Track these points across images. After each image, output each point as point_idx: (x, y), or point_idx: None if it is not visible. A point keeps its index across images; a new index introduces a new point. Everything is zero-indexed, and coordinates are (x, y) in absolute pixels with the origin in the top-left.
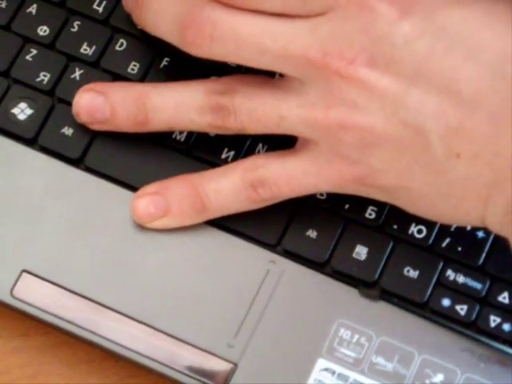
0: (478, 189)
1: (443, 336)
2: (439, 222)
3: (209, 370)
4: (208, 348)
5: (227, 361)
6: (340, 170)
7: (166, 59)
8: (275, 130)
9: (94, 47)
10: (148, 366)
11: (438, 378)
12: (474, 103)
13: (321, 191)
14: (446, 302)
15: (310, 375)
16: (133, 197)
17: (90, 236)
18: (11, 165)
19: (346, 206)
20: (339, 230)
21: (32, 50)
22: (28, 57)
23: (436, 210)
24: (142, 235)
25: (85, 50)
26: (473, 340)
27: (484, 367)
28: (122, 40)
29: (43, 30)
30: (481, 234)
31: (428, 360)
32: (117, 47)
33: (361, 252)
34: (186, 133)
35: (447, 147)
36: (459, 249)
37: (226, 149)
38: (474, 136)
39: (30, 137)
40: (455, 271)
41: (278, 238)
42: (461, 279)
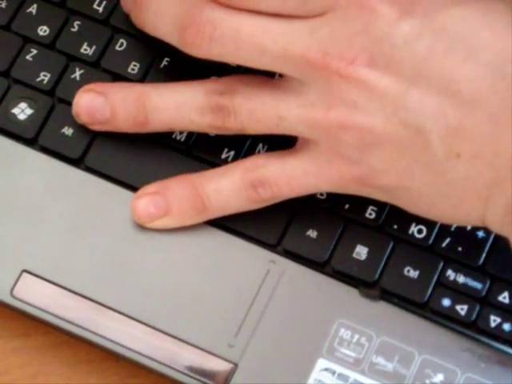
0: (478, 189)
1: (443, 336)
2: (439, 221)
3: (209, 369)
4: (208, 348)
5: (227, 361)
6: (340, 170)
7: (166, 59)
8: (275, 131)
9: (94, 47)
10: (148, 365)
11: (438, 377)
12: (473, 103)
13: (321, 191)
14: (446, 302)
15: (310, 375)
16: (133, 197)
17: (90, 236)
18: (11, 165)
19: (346, 206)
20: (339, 230)
21: (32, 49)
22: (28, 57)
23: (436, 209)
24: (141, 235)
25: (85, 49)
26: (473, 340)
27: (484, 367)
28: (122, 40)
29: (43, 30)
30: (481, 233)
31: (428, 360)
32: (117, 47)
33: (361, 252)
34: (185, 133)
35: (447, 147)
36: (459, 249)
37: (226, 149)
38: (474, 136)
39: (30, 137)
40: (455, 271)
41: (278, 238)
42: (461, 279)
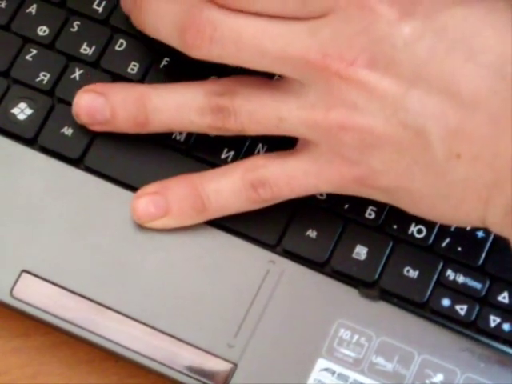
0: (478, 189)
1: (443, 336)
2: (440, 222)
3: (209, 370)
4: (208, 348)
5: (227, 361)
6: (340, 170)
7: (166, 59)
8: (275, 132)
9: (93, 47)
10: (148, 366)
11: (438, 377)
12: (474, 104)
13: (321, 192)
14: (445, 302)
15: (309, 375)
16: (133, 197)
17: (90, 236)
18: (11, 165)
19: (346, 206)
20: (339, 230)
21: (32, 49)
22: (28, 57)
23: (436, 210)
24: (142, 235)
25: (84, 50)
26: (473, 340)
27: (484, 367)
28: (121, 40)
29: (43, 30)
30: (481, 233)
31: (428, 360)
32: (116, 47)
33: (360, 252)
34: (185, 133)
35: (447, 148)
36: (459, 249)
37: (225, 149)
38: (474, 137)
39: (30, 137)
40: (455, 271)
41: (278, 238)
42: (461, 279)
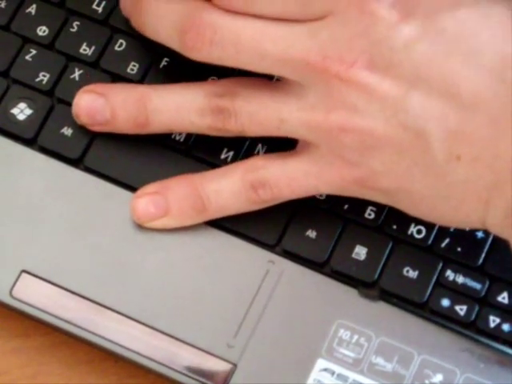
0: (478, 191)
1: (443, 336)
2: (440, 224)
3: (208, 370)
4: (207, 348)
5: (227, 361)
6: (341, 172)
7: (166, 59)
8: (275, 133)
9: (93, 47)
10: (147, 366)
11: (438, 378)
12: (473, 106)
13: (321, 193)
14: (445, 302)
15: (309, 375)
16: (132, 196)
17: (90, 236)
18: (11, 165)
19: (346, 207)
20: (338, 230)
21: (31, 50)
22: (27, 57)
23: (436, 212)
24: (142, 235)
25: (84, 50)
26: (472, 340)
27: (483, 367)
28: (121, 40)
29: (42, 30)
30: (480, 234)
31: (427, 360)
32: (116, 47)
33: (360, 252)
34: (185, 133)
35: (447, 150)
36: (459, 249)
37: (225, 149)
38: (474, 139)
39: (30, 137)
40: (454, 271)
41: (278, 238)
42: (460, 279)
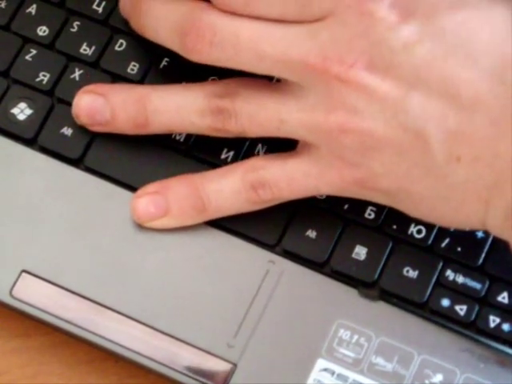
0: (478, 191)
1: (443, 336)
2: (440, 225)
3: (208, 370)
4: (207, 348)
5: (227, 361)
6: (341, 173)
7: (166, 59)
8: (275, 134)
9: (93, 47)
10: (148, 366)
11: (438, 378)
12: (473, 107)
13: (321, 193)
14: (445, 302)
15: (309, 375)
16: (133, 196)
17: (90, 236)
18: (11, 165)
19: (346, 207)
20: (339, 231)
21: (32, 50)
22: (28, 57)
23: (437, 212)
24: (142, 235)
25: (84, 50)
26: (472, 340)
27: (483, 367)
28: (121, 40)
29: (43, 30)
30: (480, 234)
31: (427, 360)
32: (116, 47)
33: (360, 252)
34: (185, 133)
35: (447, 151)
36: (459, 249)
37: (225, 149)
38: (474, 139)
39: (30, 137)
40: (455, 271)
41: (278, 239)
42: (460, 279)
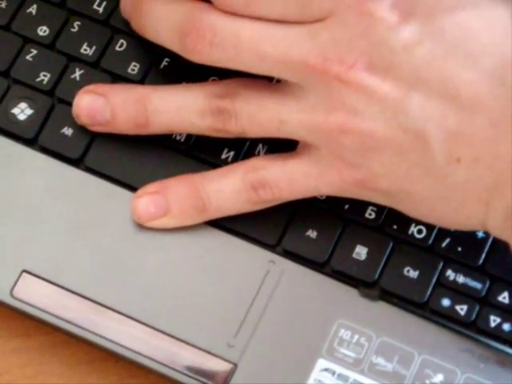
0: (478, 191)
1: (443, 336)
2: (440, 225)
3: (209, 370)
4: (208, 348)
5: (227, 361)
6: (341, 173)
7: (166, 60)
8: (275, 134)
9: (94, 47)
10: (148, 366)
11: (438, 378)
12: (473, 107)
13: (322, 194)
14: (445, 302)
15: (310, 375)
16: (133, 196)
17: (90, 236)
18: (11, 165)
19: (346, 207)
20: (339, 231)
21: (32, 50)
22: (28, 57)
23: (437, 213)
24: (142, 235)
25: (85, 50)
26: (473, 340)
27: (484, 367)
28: (122, 40)
29: (43, 30)
30: (480, 234)
31: (428, 360)
32: (117, 47)
33: (361, 252)
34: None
35: (447, 152)
36: (459, 249)
37: (225, 149)
38: (474, 140)
39: (30, 137)
40: (455, 271)
41: (278, 239)
42: (461, 279)
